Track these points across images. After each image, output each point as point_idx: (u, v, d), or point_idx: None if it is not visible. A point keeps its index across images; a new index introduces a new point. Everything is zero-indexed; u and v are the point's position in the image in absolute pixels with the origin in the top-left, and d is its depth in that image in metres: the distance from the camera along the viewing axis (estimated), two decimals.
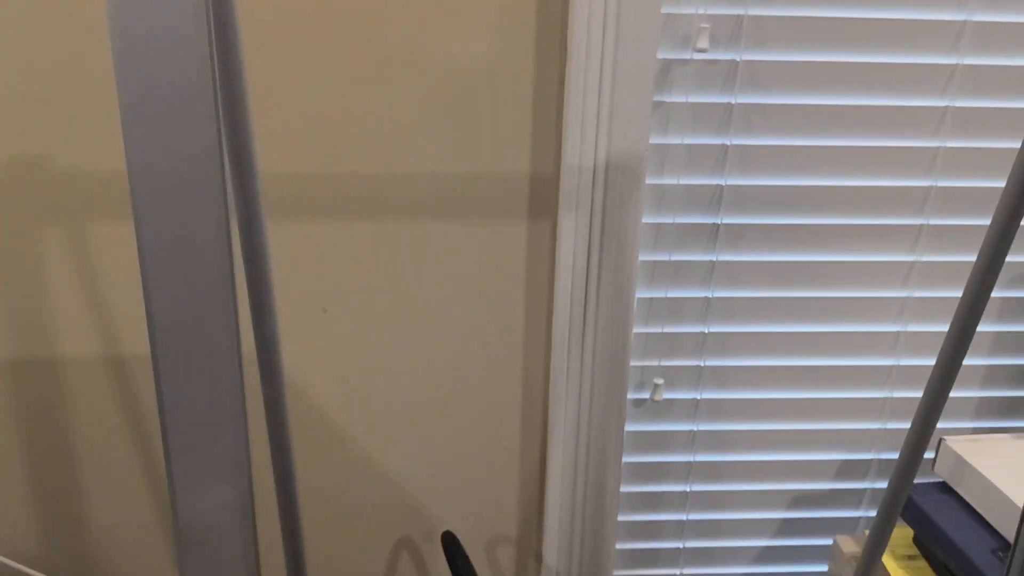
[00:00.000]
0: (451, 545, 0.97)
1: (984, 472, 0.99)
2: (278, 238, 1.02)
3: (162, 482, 1.12)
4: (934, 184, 1.11)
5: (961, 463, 1.02)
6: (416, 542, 1.20)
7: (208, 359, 0.44)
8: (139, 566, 1.15)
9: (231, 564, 0.47)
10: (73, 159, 0.97)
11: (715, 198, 1.09)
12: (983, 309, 0.76)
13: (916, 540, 1.05)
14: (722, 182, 1.08)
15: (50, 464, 1.09)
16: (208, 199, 0.42)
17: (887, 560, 1.04)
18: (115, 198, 0.99)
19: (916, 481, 1.04)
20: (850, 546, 1.11)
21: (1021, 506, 0.93)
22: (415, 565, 1.20)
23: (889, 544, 1.06)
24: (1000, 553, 0.94)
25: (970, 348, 1.19)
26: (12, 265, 1.01)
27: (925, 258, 1.14)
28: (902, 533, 1.07)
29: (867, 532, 0.97)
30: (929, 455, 1.08)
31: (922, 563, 1.03)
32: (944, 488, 1.05)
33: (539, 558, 1.22)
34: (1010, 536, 0.95)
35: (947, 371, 0.76)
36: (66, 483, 1.10)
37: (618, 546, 1.25)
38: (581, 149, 1.01)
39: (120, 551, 1.15)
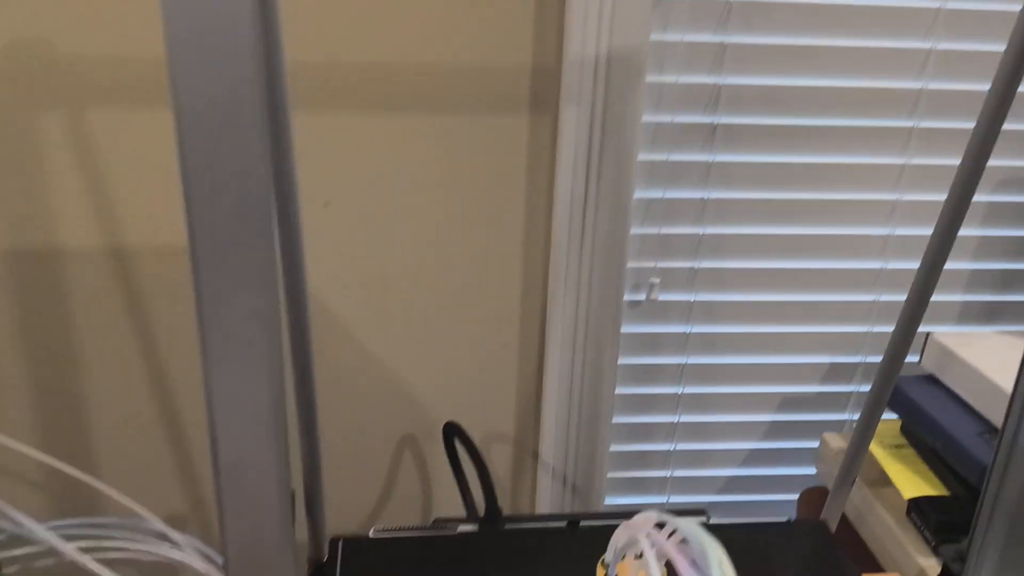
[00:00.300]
0: (455, 433, 0.99)
1: (970, 361, 1.03)
2: None
3: (160, 376, 1.13)
4: (925, 86, 1.13)
5: (947, 355, 1.06)
6: (416, 439, 1.22)
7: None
8: (137, 458, 1.17)
9: (259, 374, 0.48)
10: (73, 44, 0.96)
11: (713, 98, 1.10)
12: (966, 210, 0.79)
13: (903, 430, 1.09)
14: (720, 81, 1.09)
15: (49, 353, 1.10)
16: (244, 79, 0.43)
17: (875, 449, 1.07)
18: (117, 84, 0.99)
19: (903, 375, 1.08)
20: (838, 442, 1.15)
21: (1008, 388, 0.96)
22: (415, 462, 1.23)
23: (877, 435, 1.10)
24: (986, 435, 0.97)
25: (954, 253, 1.23)
26: (11, 152, 1.00)
27: (915, 161, 1.16)
28: (890, 425, 1.11)
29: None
30: (913, 359, 1.11)
31: (909, 451, 1.07)
32: (931, 380, 1.08)
33: (536, 456, 1.25)
34: (995, 419, 0.98)
35: (934, 261, 0.79)
36: (65, 371, 1.11)
37: (612, 447, 1.28)
38: (583, 43, 1.01)
39: (118, 441, 1.16)
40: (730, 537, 0.79)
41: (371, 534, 0.85)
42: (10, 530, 0.83)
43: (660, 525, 0.48)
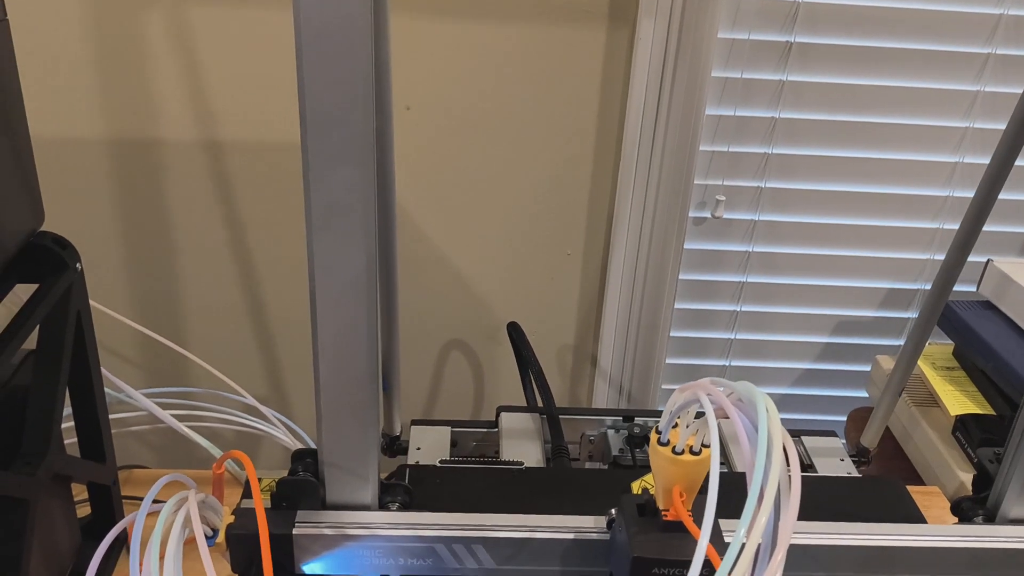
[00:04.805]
0: (516, 334, 1.04)
1: None
2: None
3: (247, 264, 1.21)
4: (1004, 12, 1.12)
5: (1005, 281, 1.07)
6: (478, 339, 1.28)
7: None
8: (223, 340, 1.25)
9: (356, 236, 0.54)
10: None
11: (790, 16, 1.11)
12: None
13: (956, 353, 1.11)
14: None
15: (146, 236, 1.18)
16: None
17: (926, 370, 1.10)
18: None
19: (959, 300, 1.10)
20: (890, 365, 1.17)
21: None
22: (477, 357, 1.29)
23: (929, 357, 1.12)
24: None
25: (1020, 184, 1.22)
26: (116, 47, 1.06)
27: (989, 88, 1.16)
28: (942, 349, 1.13)
29: None
30: (972, 287, 1.12)
31: (960, 374, 1.09)
32: (987, 305, 1.10)
33: (594, 362, 1.30)
34: None
35: (991, 186, 0.80)
36: (160, 254, 1.19)
37: (668, 361, 1.33)
38: None
39: (206, 323, 1.24)
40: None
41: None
42: (112, 396, 0.92)
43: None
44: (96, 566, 0.56)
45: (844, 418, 1.32)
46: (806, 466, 0.90)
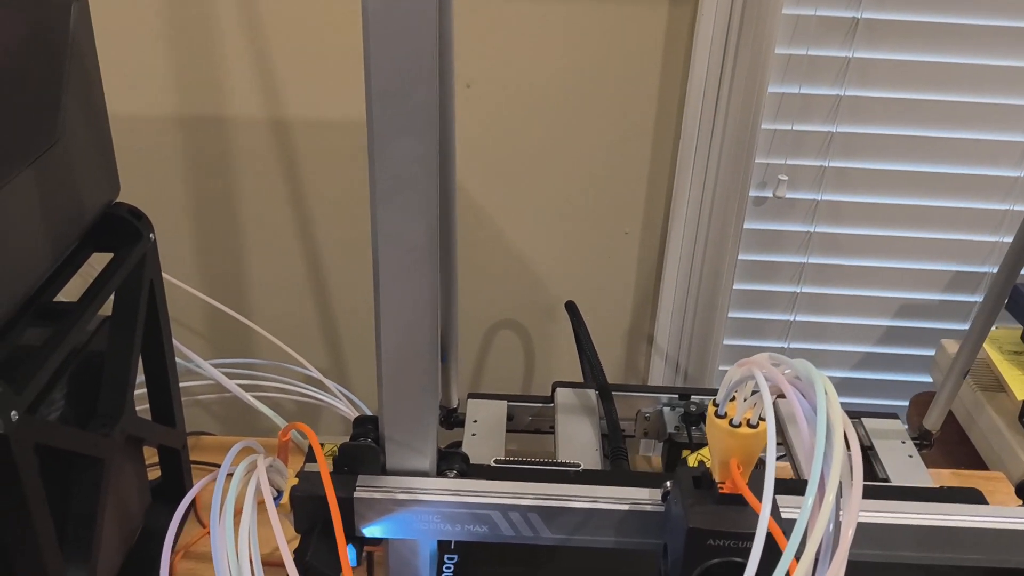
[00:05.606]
0: (574, 313, 1.04)
1: None
2: None
3: (311, 241, 1.23)
4: None
5: None
6: (535, 316, 1.29)
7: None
8: (287, 313, 1.28)
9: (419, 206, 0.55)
10: None
11: None
12: None
13: None
14: None
15: (215, 213, 1.21)
16: None
17: (993, 354, 1.08)
18: None
19: None
20: (956, 349, 1.15)
21: None
22: (529, 337, 1.30)
23: (996, 341, 1.10)
24: None
25: None
26: (187, 26, 1.09)
27: None
28: (1010, 332, 1.11)
29: None
30: None
31: None
32: None
33: (650, 341, 1.30)
34: None
35: None
36: (230, 230, 1.22)
37: (726, 342, 1.32)
38: None
39: (270, 296, 1.27)
40: None
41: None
42: (180, 365, 0.94)
43: (776, 366, 0.52)
44: (176, 527, 0.58)
45: (907, 403, 1.30)
46: (866, 448, 0.89)
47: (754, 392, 0.53)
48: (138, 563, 0.75)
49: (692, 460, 0.72)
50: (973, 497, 0.73)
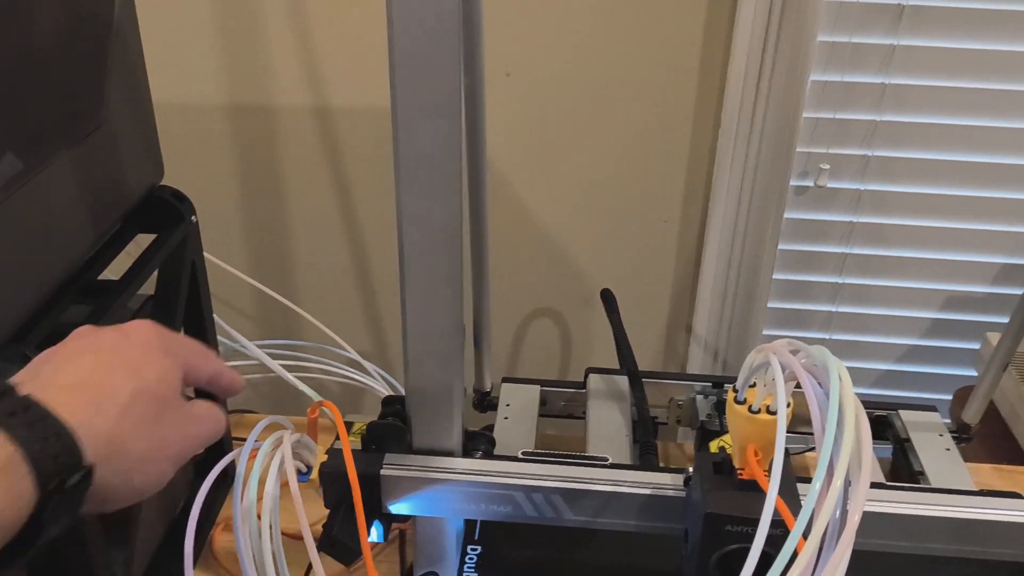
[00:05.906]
0: (609, 301, 1.05)
1: None
2: None
3: (354, 225, 1.25)
4: None
5: None
6: (572, 304, 1.29)
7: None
8: (330, 297, 1.31)
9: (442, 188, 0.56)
10: None
11: None
12: None
13: None
14: None
15: (261, 197, 1.24)
16: None
17: None
18: None
19: None
20: None
21: None
22: (566, 323, 1.31)
23: None
24: None
25: None
26: (234, 16, 1.12)
27: None
28: None
29: None
30: None
31: None
32: None
33: (689, 330, 1.30)
34: None
35: None
36: (275, 215, 1.25)
37: (765, 332, 1.31)
38: None
39: (314, 281, 1.30)
40: None
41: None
42: (226, 345, 0.97)
43: (793, 353, 0.52)
44: (203, 497, 0.60)
45: (949, 396, 1.28)
46: (903, 440, 0.88)
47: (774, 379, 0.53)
48: (180, 535, 0.77)
49: (714, 446, 0.72)
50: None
